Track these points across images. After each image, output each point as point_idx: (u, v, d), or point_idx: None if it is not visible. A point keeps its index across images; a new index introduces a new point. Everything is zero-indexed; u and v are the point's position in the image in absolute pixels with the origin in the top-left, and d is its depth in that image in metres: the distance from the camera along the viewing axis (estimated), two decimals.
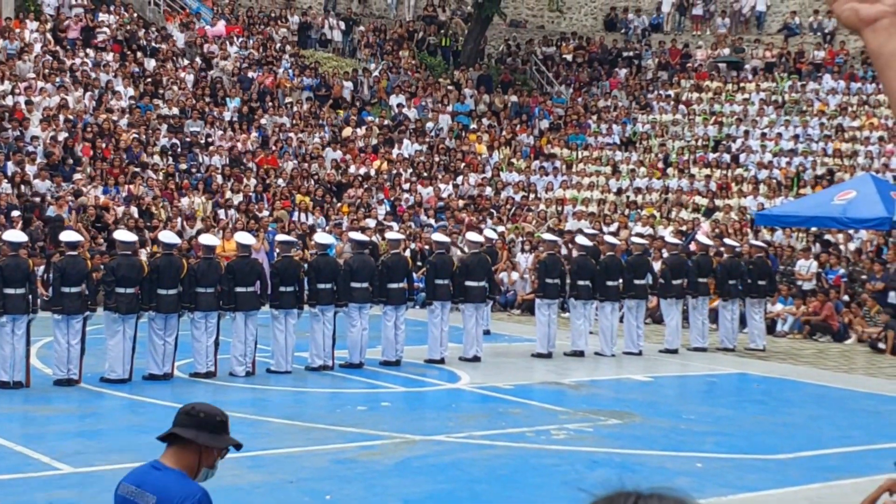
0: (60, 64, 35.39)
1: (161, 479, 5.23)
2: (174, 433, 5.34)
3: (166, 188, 31.90)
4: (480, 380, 19.01)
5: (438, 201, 34.64)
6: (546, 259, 22.14)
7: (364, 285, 19.82)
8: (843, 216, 25.22)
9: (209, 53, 39.12)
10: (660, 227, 31.35)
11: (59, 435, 14.33)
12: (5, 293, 17.00)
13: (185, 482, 5.25)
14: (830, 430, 15.79)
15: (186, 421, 5.35)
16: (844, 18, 2.62)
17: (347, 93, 40.05)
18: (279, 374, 18.88)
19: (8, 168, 30.10)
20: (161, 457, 5.38)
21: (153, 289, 17.93)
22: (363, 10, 46.55)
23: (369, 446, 13.88)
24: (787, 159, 34.55)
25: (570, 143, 38.68)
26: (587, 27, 47.15)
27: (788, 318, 26.27)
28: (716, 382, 20.30)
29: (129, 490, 5.28)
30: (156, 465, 5.32)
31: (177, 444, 5.35)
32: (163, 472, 5.27)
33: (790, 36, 42.94)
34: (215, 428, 5.41)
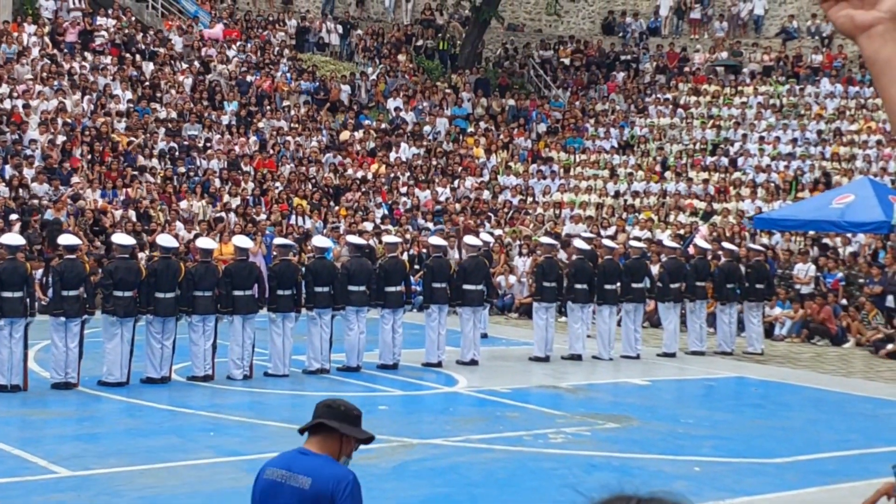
0: (58, 67, 35.38)
1: (312, 463, 5.59)
2: (320, 423, 5.69)
3: (164, 192, 31.90)
4: (478, 383, 19.00)
5: (436, 205, 34.63)
6: (543, 262, 22.13)
7: (361, 289, 19.81)
8: (842, 220, 25.24)
9: (207, 57, 39.11)
10: (657, 230, 31.34)
11: (56, 438, 14.33)
12: (3, 296, 16.98)
13: (336, 466, 5.64)
14: (828, 433, 15.79)
15: (329, 413, 5.70)
16: (840, 25, 2.62)
17: (345, 96, 40.06)
18: (276, 378, 18.87)
19: (6, 171, 30.09)
20: (305, 444, 5.73)
21: (151, 292, 17.92)
22: (361, 13, 46.56)
23: (367, 450, 13.83)
24: (785, 163, 34.55)
25: (568, 147, 38.68)
26: (585, 31, 47.18)
27: (786, 321, 26.27)
28: (714, 386, 20.30)
29: (280, 474, 5.59)
30: (303, 452, 5.68)
31: (320, 434, 5.70)
32: (311, 457, 5.63)
33: (788, 40, 42.97)
34: (353, 420, 5.76)
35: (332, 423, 5.68)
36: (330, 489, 5.49)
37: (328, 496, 5.48)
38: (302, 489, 5.52)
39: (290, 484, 5.54)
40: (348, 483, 5.52)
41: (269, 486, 5.62)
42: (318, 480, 5.51)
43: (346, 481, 5.53)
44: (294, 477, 5.55)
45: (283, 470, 5.61)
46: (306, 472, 5.56)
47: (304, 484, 5.52)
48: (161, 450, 13.61)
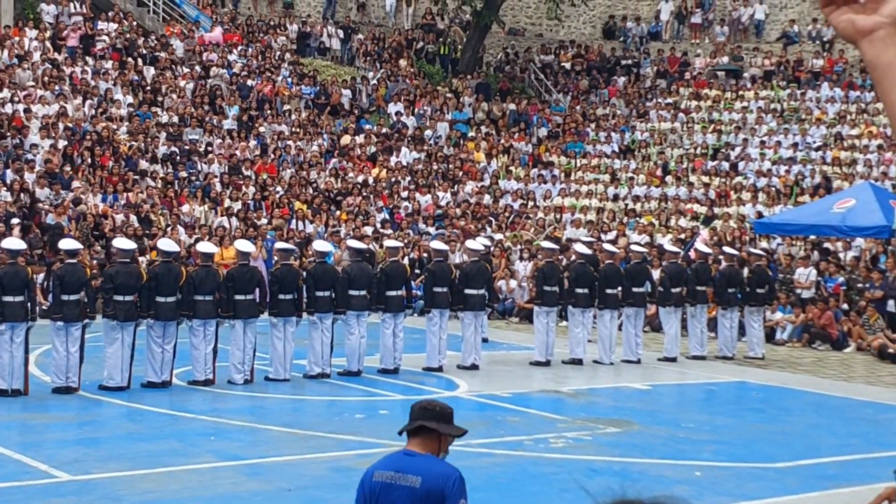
0: (60, 72, 35.40)
1: (419, 462, 6.00)
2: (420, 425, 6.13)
3: (165, 196, 31.91)
4: (479, 388, 18.99)
5: (437, 209, 34.63)
6: (544, 267, 22.12)
7: (362, 293, 19.81)
8: (843, 224, 25.24)
9: (208, 62, 39.14)
10: (658, 235, 31.34)
11: (57, 443, 14.32)
12: (4, 301, 16.98)
13: (442, 464, 6.08)
14: (829, 438, 15.78)
15: (426, 415, 6.15)
16: (841, 29, 2.62)
17: (346, 101, 40.07)
18: (277, 382, 18.86)
19: (7, 176, 30.10)
20: (408, 446, 6.15)
21: (152, 296, 17.92)
22: (362, 18, 46.59)
23: (367, 454, 13.83)
24: (785, 167, 34.56)
25: (569, 151, 38.68)
26: (586, 35, 47.20)
27: (788, 326, 26.26)
28: (715, 391, 20.29)
29: (389, 475, 5.99)
30: (408, 453, 6.10)
31: (420, 435, 6.12)
32: (417, 457, 6.05)
33: (789, 44, 42.99)
34: (448, 419, 6.21)
35: (431, 424, 6.10)
36: (440, 486, 5.89)
37: (438, 492, 5.88)
38: (413, 488, 5.91)
39: (401, 484, 5.93)
40: (455, 480, 5.94)
41: (380, 487, 5.98)
42: (428, 479, 5.91)
43: (453, 478, 5.95)
44: (404, 477, 5.95)
45: (392, 472, 6.01)
46: (415, 471, 5.95)
47: (415, 483, 5.92)
48: (162, 454, 13.60)
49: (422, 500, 5.90)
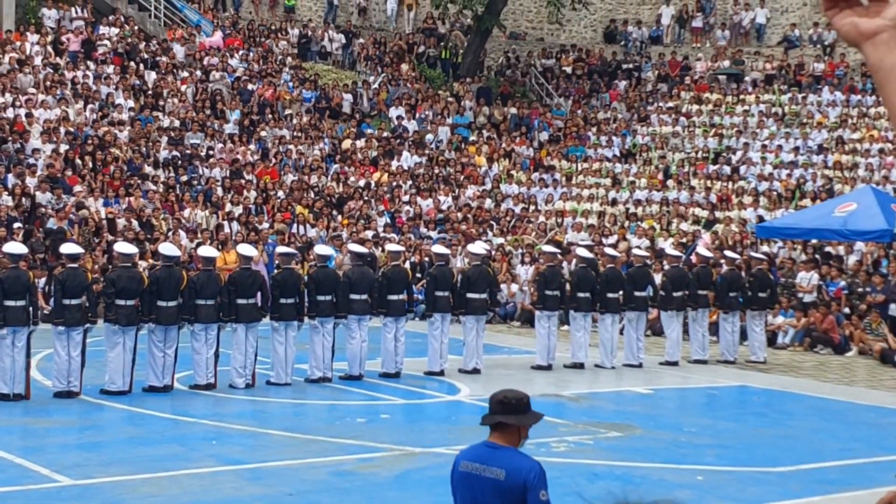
0: (61, 76, 35.42)
1: (502, 455, 6.31)
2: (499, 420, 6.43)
3: (167, 200, 31.92)
4: (480, 392, 18.94)
5: (438, 213, 34.62)
6: (546, 271, 22.11)
7: (363, 297, 19.81)
8: (844, 228, 25.21)
9: (209, 66, 39.14)
10: (660, 239, 31.32)
11: (58, 447, 14.31)
12: (5, 305, 16.98)
13: (523, 457, 6.37)
14: (831, 442, 15.76)
15: (504, 409, 6.47)
16: (844, 32, 2.62)
17: (347, 105, 40.08)
18: (279, 386, 18.86)
19: (9, 180, 30.10)
20: (490, 438, 6.44)
21: (153, 301, 17.92)
22: (363, 22, 46.61)
23: (369, 459, 13.86)
24: (787, 171, 34.55)
25: (570, 156, 38.67)
26: (587, 39, 47.21)
27: (789, 330, 26.24)
28: (716, 395, 20.27)
29: (474, 466, 6.32)
30: (490, 445, 6.40)
31: (501, 427, 6.42)
32: (500, 450, 6.34)
33: (790, 48, 42.99)
34: (525, 409, 6.55)
35: (510, 418, 6.42)
36: (522, 479, 6.18)
37: (521, 485, 6.18)
38: (498, 480, 6.22)
39: (486, 475, 6.26)
40: (536, 472, 6.23)
41: (465, 476, 6.35)
42: (511, 472, 6.21)
43: (534, 471, 6.24)
44: (489, 469, 6.27)
45: (477, 463, 6.33)
46: (499, 464, 6.26)
47: (500, 475, 6.22)
48: (163, 458, 13.60)
49: (505, 492, 6.21)
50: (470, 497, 6.35)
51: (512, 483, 6.20)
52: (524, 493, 6.19)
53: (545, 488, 6.23)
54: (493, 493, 6.23)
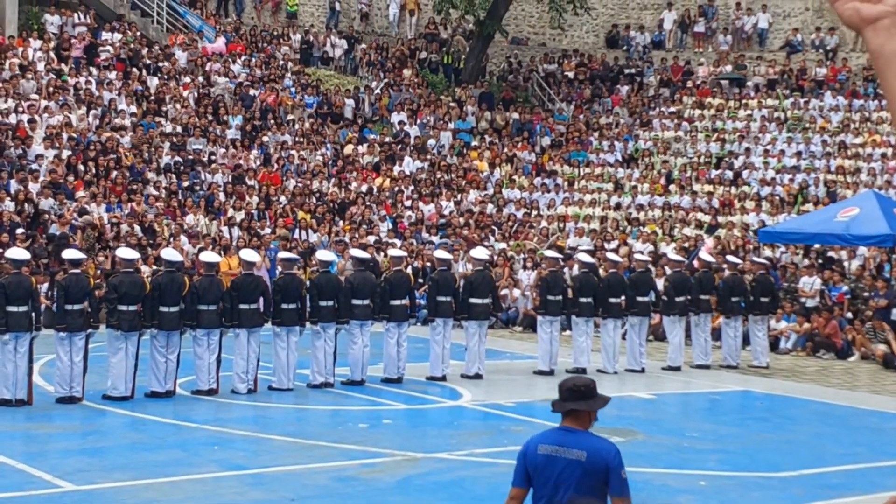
0: (64, 82, 35.43)
1: (580, 438, 6.81)
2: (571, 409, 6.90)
3: (169, 206, 31.93)
4: (482, 397, 18.97)
5: (440, 218, 34.61)
6: (548, 276, 22.11)
7: (365, 302, 19.80)
8: (846, 233, 25.18)
9: (212, 71, 39.15)
10: (662, 243, 31.29)
11: (61, 452, 14.31)
12: (8, 311, 16.98)
13: (601, 439, 6.90)
14: (834, 447, 15.74)
15: (574, 395, 6.90)
16: (846, 18, 2.63)
17: (349, 110, 40.09)
18: (281, 392, 18.85)
19: (11, 186, 30.12)
20: (563, 422, 6.92)
21: (155, 306, 17.92)
22: (365, 28, 46.62)
23: (371, 464, 13.85)
24: (789, 176, 34.52)
25: (572, 160, 38.65)
26: (589, 44, 47.21)
27: (792, 335, 26.22)
28: (719, 400, 20.25)
29: (554, 449, 6.78)
30: (567, 430, 6.88)
31: (573, 413, 6.89)
32: (577, 434, 6.83)
33: (792, 53, 42.97)
34: (594, 394, 6.95)
35: (581, 405, 6.87)
36: (604, 459, 6.71)
37: (603, 464, 6.69)
38: (580, 461, 6.70)
39: (566, 457, 6.73)
40: (615, 453, 6.78)
41: (545, 459, 6.78)
42: (593, 453, 6.72)
43: (613, 452, 6.79)
44: (569, 451, 6.74)
45: (557, 446, 6.78)
46: (579, 446, 6.74)
47: (581, 456, 6.71)
48: (165, 464, 13.59)
49: (588, 471, 6.70)
50: (553, 477, 6.76)
51: (594, 463, 6.71)
52: (606, 473, 6.70)
53: (624, 468, 6.78)
54: (576, 472, 6.70)
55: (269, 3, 45.79)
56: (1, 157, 31.08)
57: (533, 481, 6.84)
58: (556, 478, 6.75)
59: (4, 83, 34.15)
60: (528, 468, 6.85)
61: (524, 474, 6.88)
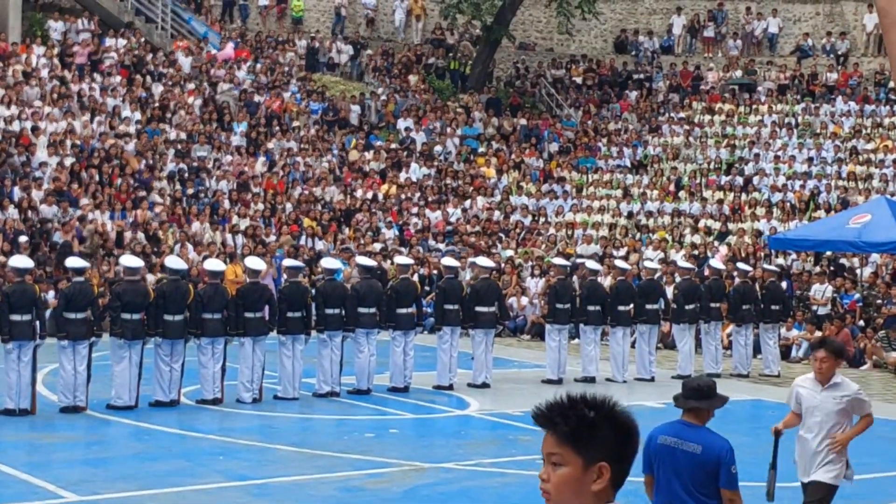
0: (67, 89, 35.33)
1: (698, 433, 7.62)
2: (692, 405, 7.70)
3: (173, 213, 31.81)
4: (490, 406, 18.83)
5: (447, 226, 34.45)
6: (557, 284, 21.94)
7: (372, 310, 19.65)
8: (858, 240, 24.96)
9: (216, 78, 39.05)
10: (672, 251, 31.09)
11: (64, 462, 14.24)
12: (11, 319, 16.85)
13: (716, 436, 7.67)
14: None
15: (696, 394, 7.74)
16: None
17: (355, 116, 39.96)
18: (286, 401, 18.73)
19: (14, 193, 30.02)
20: (683, 417, 7.75)
21: (159, 315, 17.78)
22: (371, 33, 46.51)
23: (377, 474, 13.72)
24: (800, 182, 34.33)
25: (580, 167, 38.47)
26: (597, 49, 47.05)
27: (803, 343, 26.01)
28: (729, 409, 19.86)
29: (672, 441, 7.58)
30: (685, 423, 7.71)
31: (694, 409, 7.69)
32: (695, 428, 7.65)
33: (803, 58, 42.81)
34: (714, 394, 7.82)
35: (703, 403, 7.69)
36: (716, 454, 7.47)
37: (716, 459, 7.44)
38: (695, 454, 7.48)
39: (683, 449, 7.50)
40: (728, 450, 7.52)
41: (664, 449, 7.58)
42: (707, 448, 7.49)
43: (726, 448, 7.54)
44: (686, 443, 7.52)
45: (675, 438, 7.59)
46: (696, 440, 7.53)
47: (696, 450, 7.49)
48: (170, 474, 13.50)
49: (702, 464, 7.44)
50: (671, 466, 7.53)
51: (708, 457, 7.47)
52: (718, 466, 7.45)
53: (734, 464, 7.52)
54: (691, 463, 7.47)
55: (274, 8, 45.70)
56: (4, 165, 30.99)
57: (652, 469, 7.66)
58: (672, 466, 7.53)
59: (8, 90, 34.05)
60: (650, 456, 7.64)
61: (649, 462, 7.66)
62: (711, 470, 7.48)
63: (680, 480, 7.52)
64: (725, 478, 7.50)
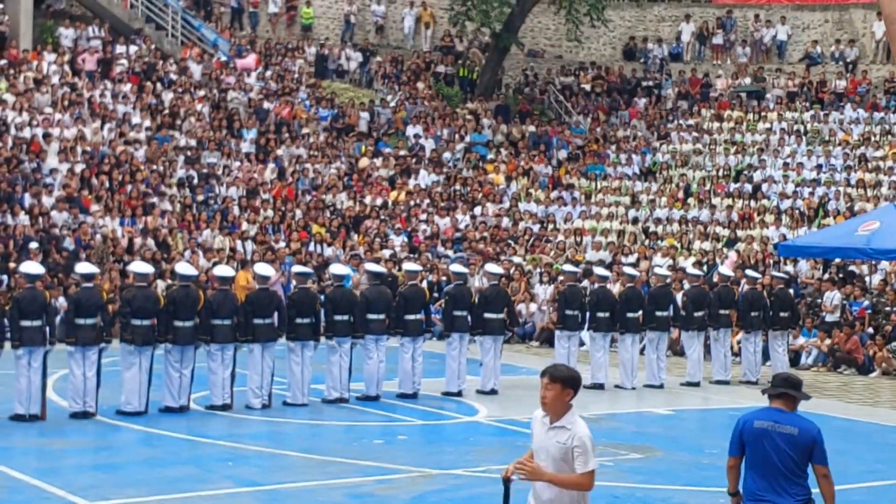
0: (78, 96, 35.42)
1: (791, 418, 8.53)
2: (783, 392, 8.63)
3: (183, 219, 31.87)
4: (498, 413, 18.84)
5: (456, 232, 34.47)
6: (566, 290, 21.94)
7: (381, 317, 19.66)
8: (867, 247, 24.91)
9: (226, 85, 39.12)
10: (681, 258, 31.05)
11: (74, 468, 14.26)
12: (22, 325, 16.89)
13: (807, 420, 8.57)
14: (856, 464, 15.52)
15: (787, 384, 8.66)
16: None
17: (364, 123, 40.00)
18: (295, 407, 18.73)
19: (25, 200, 30.10)
20: (773, 404, 8.63)
21: (170, 321, 17.80)
22: (380, 40, 46.56)
23: (386, 480, 13.74)
24: (809, 189, 34.30)
25: (589, 174, 38.45)
26: (606, 57, 47.07)
27: (813, 350, 25.99)
28: (738, 416, 20.01)
29: (769, 424, 8.49)
30: (777, 410, 8.58)
31: (783, 398, 8.60)
32: (787, 414, 8.55)
33: (812, 65, 42.78)
34: (801, 386, 8.73)
35: (791, 392, 8.61)
36: (811, 435, 8.41)
37: (811, 440, 8.38)
38: (792, 435, 8.38)
39: (780, 431, 8.41)
40: (819, 431, 8.47)
41: (761, 431, 8.47)
42: (803, 430, 8.43)
43: (817, 430, 8.48)
44: (782, 426, 8.43)
45: (770, 422, 8.49)
46: (791, 424, 8.45)
47: (794, 432, 8.40)
48: (179, 480, 13.50)
49: (798, 444, 8.36)
50: (769, 446, 8.43)
51: (804, 437, 8.38)
52: (812, 446, 8.37)
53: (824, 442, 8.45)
54: (788, 444, 8.36)
55: (283, 16, 45.77)
56: (15, 171, 31.07)
57: (747, 450, 8.55)
58: (771, 446, 8.41)
59: (19, 96, 34.16)
60: (743, 439, 8.57)
61: (739, 445, 8.62)
62: (807, 449, 8.38)
63: (778, 458, 8.40)
64: (819, 455, 8.42)
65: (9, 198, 29.94)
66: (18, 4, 37.53)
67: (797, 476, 8.44)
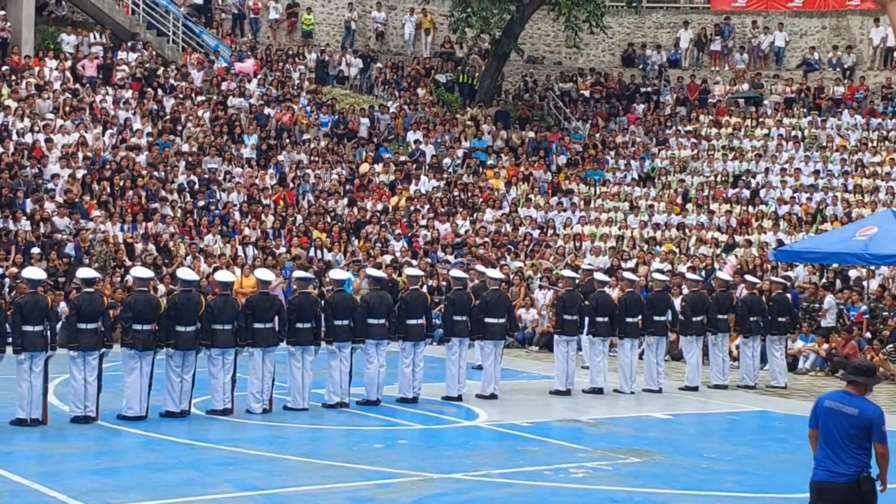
0: (79, 102, 35.50)
1: (856, 401, 9.60)
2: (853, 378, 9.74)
3: (184, 225, 31.95)
4: (498, 417, 18.88)
5: (456, 237, 34.54)
6: (565, 295, 22.01)
7: (381, 322, 19.72)
8: (865, 252, 25.00)
9: (227, 91, 39.21)
10: (680, 263, 31.14)
11: (75, 472, 14.25)
12: (24, 330, 16.95)
13: (870, 403, 9.61)
14: None
15: (859, 371, 9.71)
16: None
17: (364, 129, 40.09)
18: (296, 412, 18.77)
19: (27, 205, 30.17)
20: (846, 388, 9.71)
21: (171, 326, 17.86)
22: (380, 47, 46.65)
23: (386, 484, 13.77)
24: (807, 195, 34.38)
25: (588, 179, 38.55)
26: (605, 63, 47.17)
27: (810, 355, 26.06)
28: (737, 420, 20.12)
29: (835, 404, 9.61)
30: (847, 393, 9.67)
31: (855, 382, 9.68)
32: (854, 397, 9.63)
33: (809, 71, 42.88)
34: (873, 373, 9.81)
35: (861, 378, 9.68)
36: (870, 417, 9.46)
37: (868, 421, 9.44)
38: (852, 416, 9.47)
39: (843, 411, 9.52)
40: (879, 414, 9.51)
41: (829, 410, 9.61)
42: (862, 411, 9.49)
43: (878, 413, 9.51)
44: (846, 407, 9.54)
45: (837, 402, 9.61)
46: (853, 405, 9.54)
47: (854, 412, 9.49)
48: (180, 484, 13.53)
49: (857, 425, 9.45)
50: (833, 423, 9.55)
51: (863, 418, 9.45)
52: (870, 426, 9.42)
53: (884, 424, 9.53)
54: (849, 423, 9.47)
55: (284, 22, 45.85)
56: (17, 177, 31.15)
57: (819, 423, 9.69)
58: (835, 423, 9.54)
59: (20, 102, 34.24)
60: (817, 415, 9.71)
61: (815, 419, 9.74)
62: (865, 427, 9.42)
63: (840, 433, 9.51)
64: (878, 434, 9.45)
65: (10, 203, 30.02)
66: (20, 11, 37.61)
67: (854, 450, 9.46)
